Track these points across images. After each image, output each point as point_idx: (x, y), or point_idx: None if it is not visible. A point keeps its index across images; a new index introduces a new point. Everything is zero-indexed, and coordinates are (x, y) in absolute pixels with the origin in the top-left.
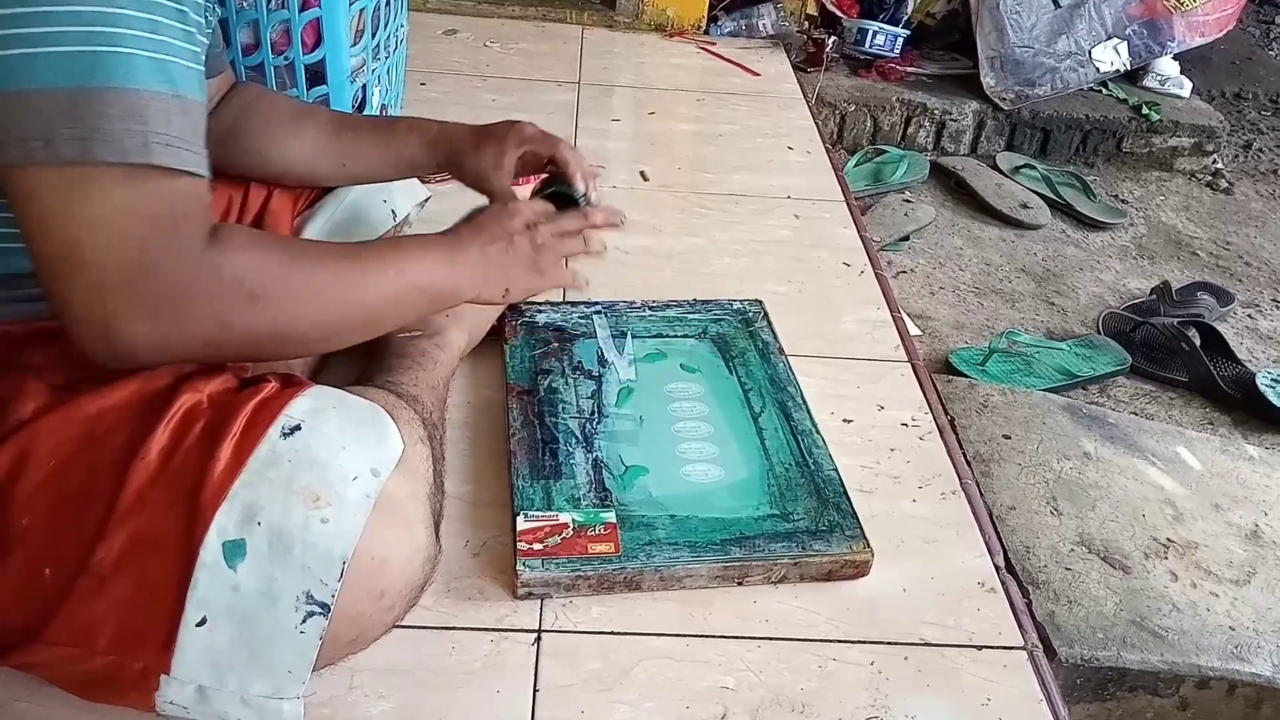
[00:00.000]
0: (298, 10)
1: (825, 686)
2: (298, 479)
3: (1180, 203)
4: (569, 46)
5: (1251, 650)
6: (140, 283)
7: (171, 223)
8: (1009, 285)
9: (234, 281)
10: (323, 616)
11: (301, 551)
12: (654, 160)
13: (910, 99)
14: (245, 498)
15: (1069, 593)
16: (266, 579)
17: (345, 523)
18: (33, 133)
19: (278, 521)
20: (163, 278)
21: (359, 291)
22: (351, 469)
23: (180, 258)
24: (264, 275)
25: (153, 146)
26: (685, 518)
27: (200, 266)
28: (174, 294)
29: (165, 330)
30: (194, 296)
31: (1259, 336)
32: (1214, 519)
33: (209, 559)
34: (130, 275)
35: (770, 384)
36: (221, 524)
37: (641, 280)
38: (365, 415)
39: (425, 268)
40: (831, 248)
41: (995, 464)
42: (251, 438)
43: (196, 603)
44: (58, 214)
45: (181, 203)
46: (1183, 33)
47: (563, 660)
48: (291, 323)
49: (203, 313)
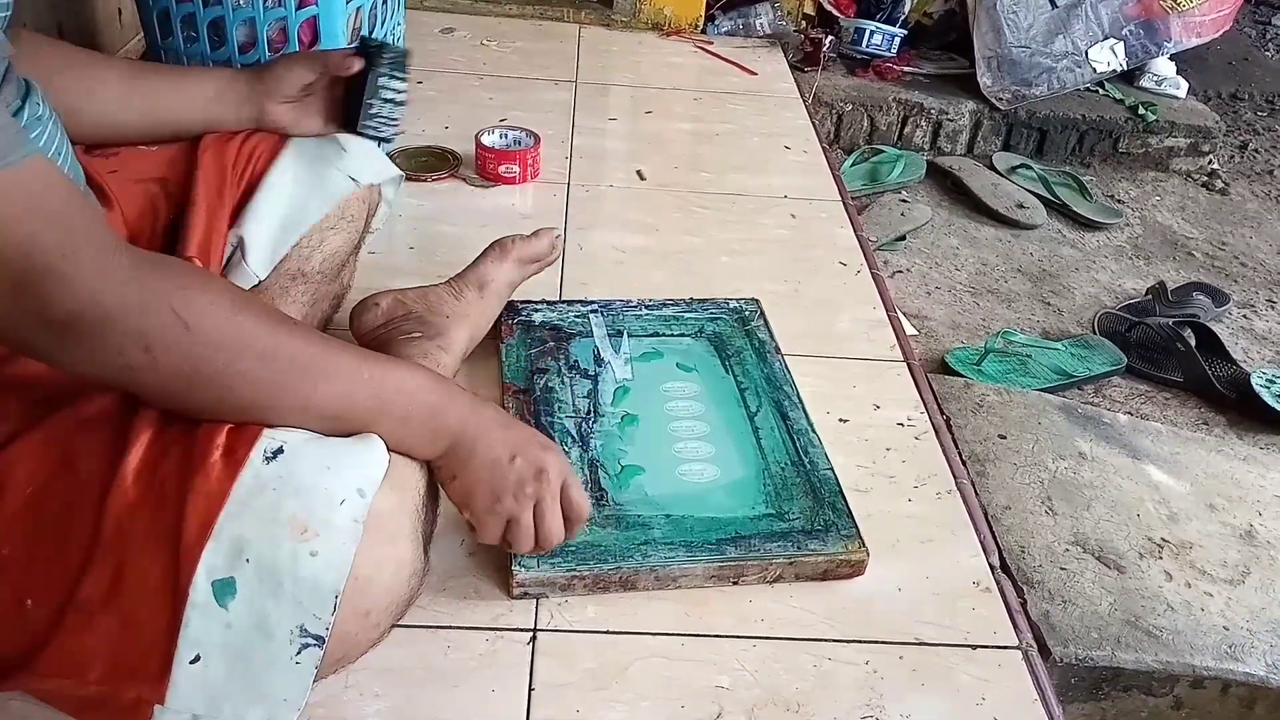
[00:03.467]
0: (294, 8)
1: (820, 686)
2: (283, 508)
3: (1176, 203)
4: (566, 45)
5: (1245, 650)
6: (45, 288)
7: (48, 216)
8: (1005, 285)
9: (160, 303)
10: (318, 648)
11: (293, 586)
12: (651, 159)
13: (907, 99)
14: (231, 532)
15: (1064, 592)
16: (259, 614)
17: (335, 554)
18: None
19: (266, 557)
20: (67, 282)
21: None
22: (338, 492)
23: (81, 259)
24: (201, 304)
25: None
26: (681, 517)
27: (115, 274)
28: (85, 303)
29: (81, 342)
30: (110, 309)
31: (1254, 337)
32: (1208, 519)
33: (199, 599)
34: (30, 283)
35: (766, 383)
36: (210, 563)
37: (638, 279)
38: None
39: (413, 389)
40: (828, 247)
41: (990, 464)
42: (233, 464)
43: (190, 642)
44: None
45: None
46: (1179, 33)
47: (558, 659)
48: (227, 367)
49: (122, 329)
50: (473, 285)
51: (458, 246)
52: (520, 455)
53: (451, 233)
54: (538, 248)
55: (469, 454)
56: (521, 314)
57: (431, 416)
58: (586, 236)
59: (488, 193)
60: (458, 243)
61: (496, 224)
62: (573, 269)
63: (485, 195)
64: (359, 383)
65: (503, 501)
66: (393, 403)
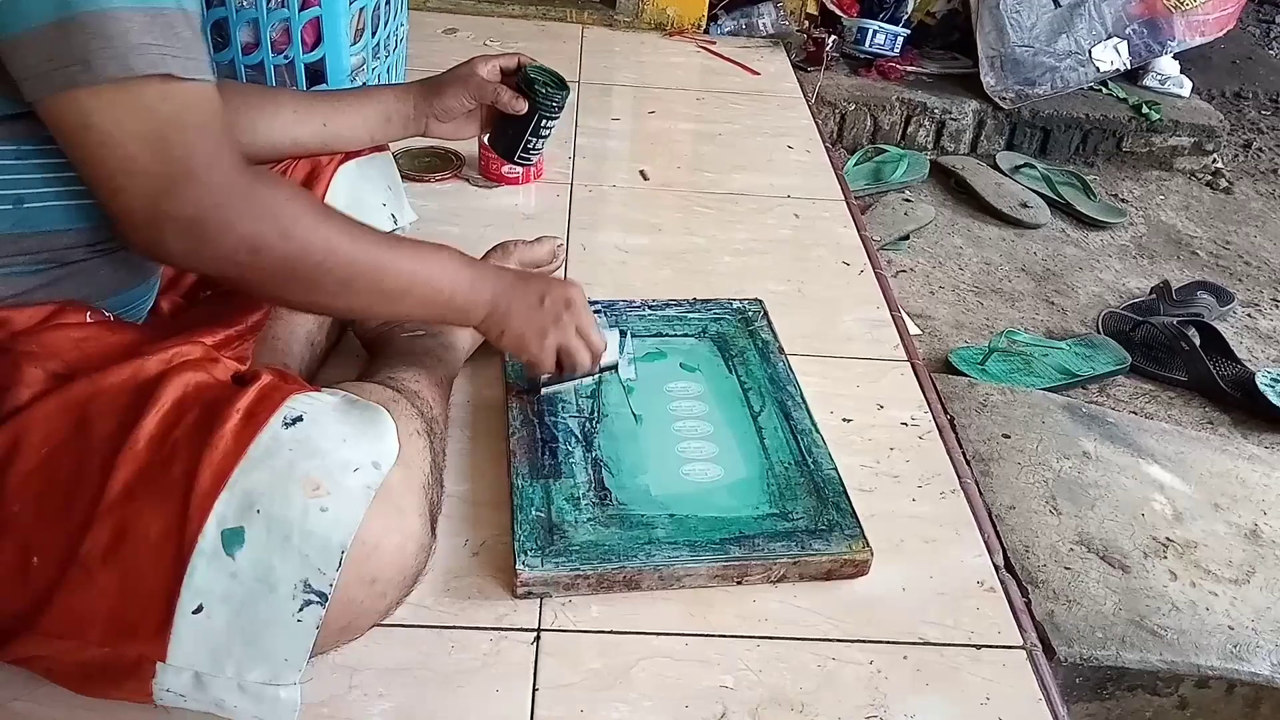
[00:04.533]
0: (298, 9)
1: (824, 686)
2: (298, 467)
3: (1180, 202)
4: (569, 45)
5: (1250, 649)
6: (187, 188)
7: (210, 133)
8: (1009, 284)
9: (270, 213)
10: (320, 605)
11: (300, 540)
12: (654, 159)
13: (910, 98)
14: (245, 485)
15: (1068, 592)
16: (265, 566)
17: (344, 512)
18: (70, 58)
19: (277, 509)
20: (206, 187)
21: (384, 260)
22: (353, 460)
23: (219, 172)
24: (299, 218)
25: (168, 58)
26: (685, 517)
27: (241, 187)
28: (213, 206)
29: (201, 238)
30: (231, 214)
31: (1258, 336)
32: (1213, 518)
33: (207, 547)
34: (178, 181)
35: (770, 383)
36: (221, 512)
37: (641, 279)
38: (365, 412)
39: (451, 272)
40: (831, 247)
41: (995, 463)
42: (253, 426)
43: (193, 590)
44: (114, 131)
45: (212, 112)
46: (1183, 32)
47: (562, 659)
48: (316, 268)
49: (238, 232)
50: None
51: (461, 247)
52: (547, 295)
53: (455, 233)
54: (538, 253)
55: (507, 310)
56: None
57: (471, 289)
58: (590, 237)
59: (491, 193)
60: (461, 243)
61: (500, 224)
62: (576, 269)
63: (488, 196)
64: (417, 277)
65: (549, 335)
66: (440, 286)
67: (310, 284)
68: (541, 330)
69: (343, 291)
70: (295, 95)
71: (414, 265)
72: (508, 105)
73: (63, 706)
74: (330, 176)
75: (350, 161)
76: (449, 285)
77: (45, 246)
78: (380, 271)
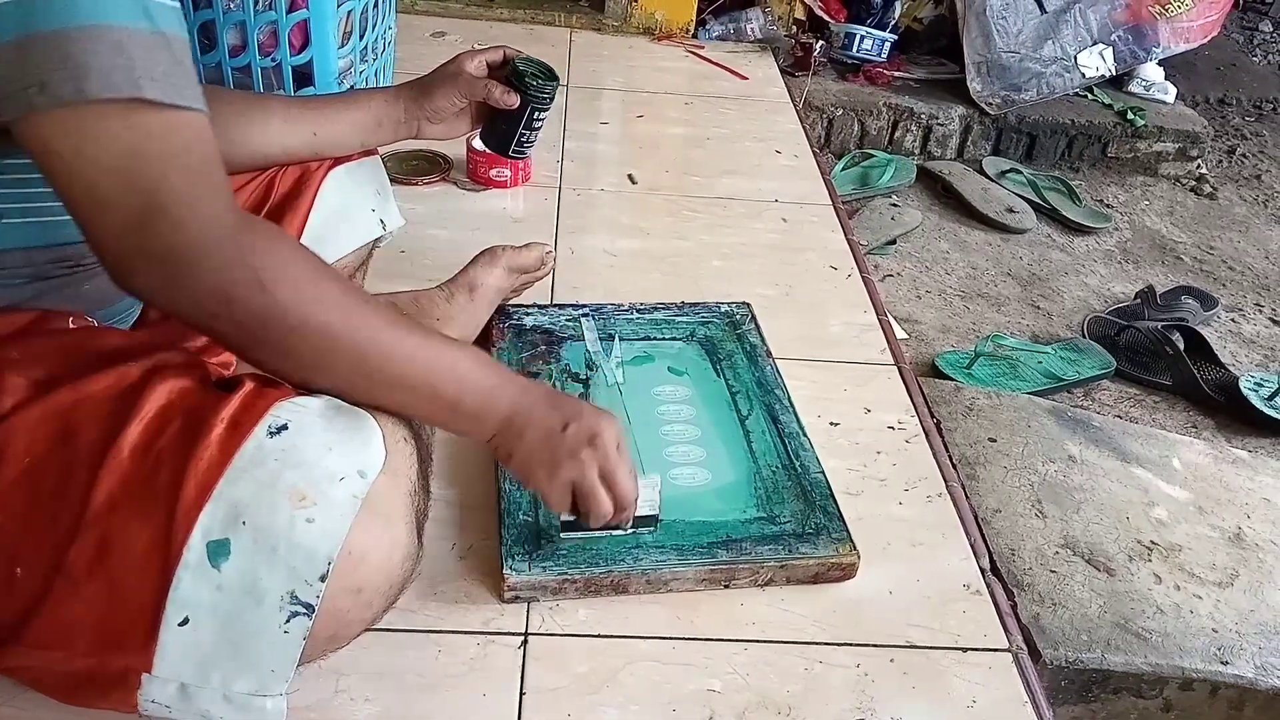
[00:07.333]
0: (285, 11)
1: (811, 689)
2: (284, 477)
3: (1165, 207)
4: (557, 49)
5: (1234, 652)
6: (158, 223)
7: (185, 167)
8: (995, 289)
9: (251, 262)
10: (306, 617)
11: (287, 551)
12: (642, 163)
13: (897, 103)
14: (230, 496)
15: (1054, 595)
16: (251, 579)
17: (331, 523)
18: (27, 80)
19: (263, 520)
20: (179, 224)
21: (379, 340)
22: (339, 470)
23: (196, 209)
24: (283, 270)
25: (140, 81)
26: (672, 521)
27: (222, 229)
28: (185, 245)
29: (173, 279)
30: (205, 257)
31: (1242, 340)
32: (1197, 522)
33: (193, 559)
34: (148, 215)
35: (758, 387)
36: (206, 524)
37: (629, 283)
38: (351, 419)
39: (465, 373)
40: (819, 251)
41: (981, 467)
42: (238, 435)
43: (179, 603)
44: (73, 159)
45: (190, 142)
46: (1168, 39)
47: (549, 663)
48: (291, 333)
49: (211, 277)
50: (463, 289)
51: (449, 250)
52: (573, 423)
53: (443, 236)
54: (526, 259)
55: (521, 431)
56: (513, 318)
57: (487, 396)
58: (578, 240)
59: (479, 197)
60: (449, 247)
61: (488, 228)
62: (564, 273)
63: (476, 199)
64: (416, 367)
65: (561, 470)
66: (445, 384)
67: (282, 349)
68: (553, 461)
69: (319, 365)
70: (284, 102)
71: (416, 353)
72: (499, 100)
73: (48, 711)
74: (319, 182)
75: (339, 167)
76: (456, 386)
77: (28, 262)
78: (370, 351)
